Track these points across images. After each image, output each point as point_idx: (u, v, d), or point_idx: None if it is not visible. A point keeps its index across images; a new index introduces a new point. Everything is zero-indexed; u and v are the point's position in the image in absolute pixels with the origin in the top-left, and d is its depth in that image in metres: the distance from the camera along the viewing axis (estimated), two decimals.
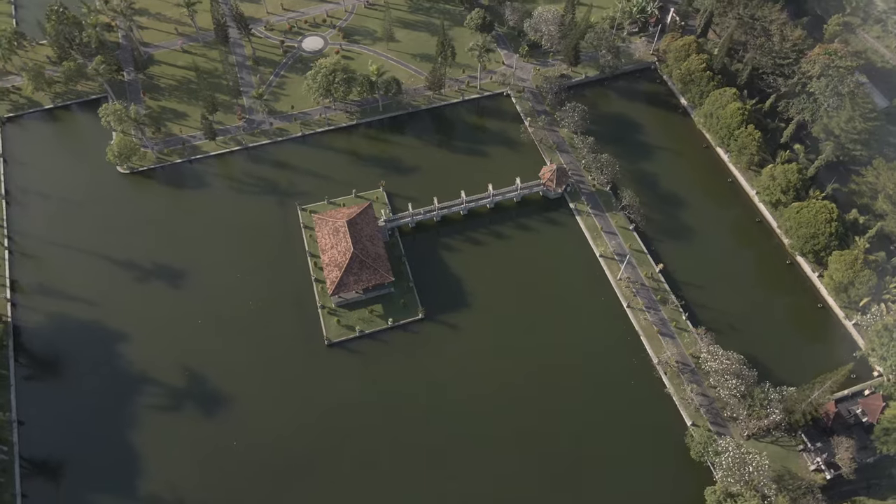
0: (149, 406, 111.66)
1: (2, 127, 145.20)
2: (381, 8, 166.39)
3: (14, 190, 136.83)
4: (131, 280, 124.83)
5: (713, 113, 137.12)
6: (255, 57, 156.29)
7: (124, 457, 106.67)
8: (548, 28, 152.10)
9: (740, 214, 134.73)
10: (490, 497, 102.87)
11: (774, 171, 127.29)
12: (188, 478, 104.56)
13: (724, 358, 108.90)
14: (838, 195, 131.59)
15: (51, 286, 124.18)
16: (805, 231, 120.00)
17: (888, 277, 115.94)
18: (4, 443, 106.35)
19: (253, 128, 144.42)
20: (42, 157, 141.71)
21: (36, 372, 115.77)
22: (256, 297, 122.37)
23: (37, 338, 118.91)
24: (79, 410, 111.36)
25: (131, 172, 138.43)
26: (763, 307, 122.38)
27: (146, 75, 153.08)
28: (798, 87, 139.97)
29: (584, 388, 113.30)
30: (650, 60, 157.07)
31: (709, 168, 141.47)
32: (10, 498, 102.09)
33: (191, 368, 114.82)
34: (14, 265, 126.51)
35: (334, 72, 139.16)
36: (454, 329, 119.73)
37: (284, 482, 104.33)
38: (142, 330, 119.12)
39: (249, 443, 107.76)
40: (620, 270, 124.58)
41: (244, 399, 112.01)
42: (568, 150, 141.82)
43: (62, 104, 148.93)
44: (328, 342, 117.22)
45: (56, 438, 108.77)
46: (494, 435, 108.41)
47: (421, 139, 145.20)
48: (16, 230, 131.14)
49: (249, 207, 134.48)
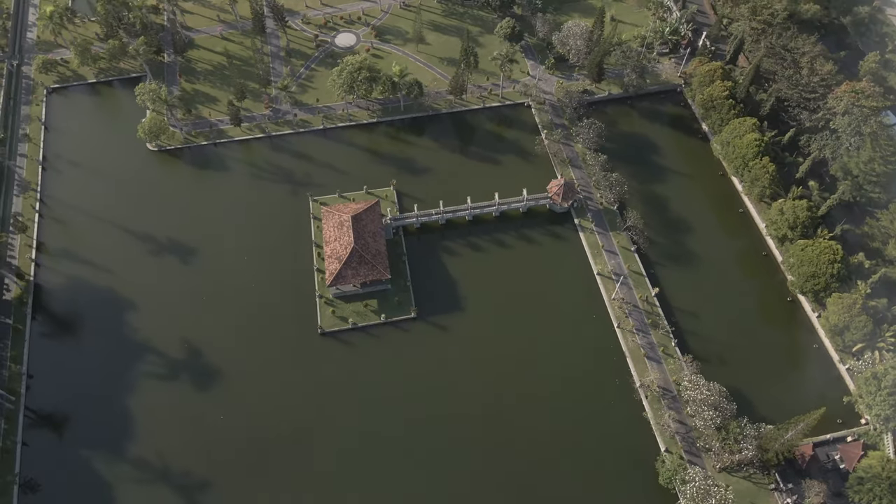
0: (148, 373, 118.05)
1: (47, 96, 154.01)
2: (415, 9, 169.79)
3: (51, 156, 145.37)
4: (146, 252, 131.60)
5: (730, 141, 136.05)
6: (289, 49, 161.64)
7: (120, 418, 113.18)
8: (575, 42, 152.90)
9: (747, 246, 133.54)
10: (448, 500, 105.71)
11: (784, 206, 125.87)
12: (174, 445, 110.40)
13: (704, 388, 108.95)
14: (850, 236, 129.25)
15: (73, 251, 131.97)
16: (806, 269, 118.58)
17: (885, 325, 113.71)
18: (13, 393, 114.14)
19: (278, 117, 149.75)
20: (79, 128, 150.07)
21: (50, 330, 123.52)
22: (260, 279, 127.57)
23: (54, 298, 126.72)
24: (84, 370, 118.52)
25: (159, 150, 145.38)
26: (757, 342, 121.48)
27: (185, 58, 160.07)
28: (822, 122, 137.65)
29: (563, 403, 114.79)
30: (677, 83, 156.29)
31: (721, 196, 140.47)
32: (11, 445, 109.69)
33: (189, 341, 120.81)
34: (42, 228, 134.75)
35: (359, 70, 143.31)
36: (444, 331, 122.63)
37: (262, 457, 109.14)
38: (150, 300, 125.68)
39: (235, 417, 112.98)
40: (615, 290, 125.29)
41: (235, 376, 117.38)
42: (580, 165, 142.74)
43: (104, 80, 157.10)
44: (321, 331, 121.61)
45: (60, 394, 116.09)
46: (467, 438, 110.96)
47: (437, 142, 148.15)
48: (48, 195, 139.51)
49: (265, 193, 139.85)
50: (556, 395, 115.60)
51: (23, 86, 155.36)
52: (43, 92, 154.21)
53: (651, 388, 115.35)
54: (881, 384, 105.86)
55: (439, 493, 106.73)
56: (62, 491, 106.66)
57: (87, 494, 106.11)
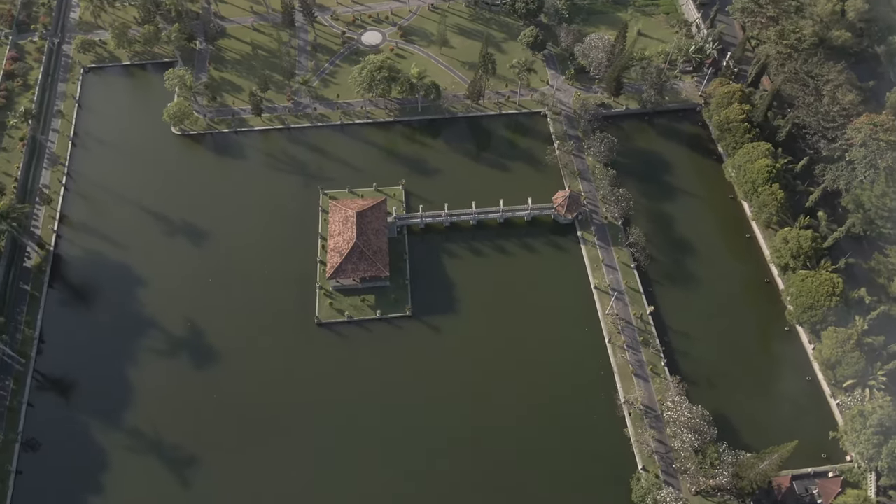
0: (151, 347, 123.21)
1: (83, 75, 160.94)
2: (442, 12, 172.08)
3: (81, 133, 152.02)
4: (161, 231, 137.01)
5: (742, 165, 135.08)
6: (316, 43, 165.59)
7: (120, 388, 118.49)
8: (597, 55, 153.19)
9: (750, 272, 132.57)
10: (417, 498, 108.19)
11: (788, 235, 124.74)
12: (168, 418, 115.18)
13: (686, 410, 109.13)
14: (857, 270, 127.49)
15: (92, 225, 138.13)
16: (804, 300, 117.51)
17: (879, 364, 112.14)
18: (24, 356, 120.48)
19: (298, 110, 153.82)
20: (110, 108, 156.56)
21: (64, 298, 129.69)
22: (265, 266, 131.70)
23: (71, 268, 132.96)
24: (92, 339, 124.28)
25: (182, 134, 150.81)
26: (749, 369, 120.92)
27: (216, 47, 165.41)
28: (839, 152, 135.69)
29: (546, 413, 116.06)
30: (697, 102, 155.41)
31: (730, 219, 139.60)
32: (17, 405, 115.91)
33: (192, 321, 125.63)
34: (66, 201, 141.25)
35: (380, 69, 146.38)
36: (436, 331, 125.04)
37: (248, 435, 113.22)
38: (160, 278, 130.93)
39: (227, 397, 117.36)
40: (609, 305, 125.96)
41: (232, 357, 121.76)
42: (590, 178, 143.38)
43: (138, 63, 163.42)
44: (318, 321, 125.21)
45: (68, 360, 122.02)
46: (446, 439, 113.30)
47: (450, 145, 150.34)
48: (74, 169, 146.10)
49: (278, 183, 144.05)
50: (540, 403, 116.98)
51: (61, 64, 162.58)
52: (80, 71, 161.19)
53: (635, 405, 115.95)
54: (867, 422, 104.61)
55: (413, 490, 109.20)
56: (59, 452, 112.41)
57: (83, 456, 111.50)
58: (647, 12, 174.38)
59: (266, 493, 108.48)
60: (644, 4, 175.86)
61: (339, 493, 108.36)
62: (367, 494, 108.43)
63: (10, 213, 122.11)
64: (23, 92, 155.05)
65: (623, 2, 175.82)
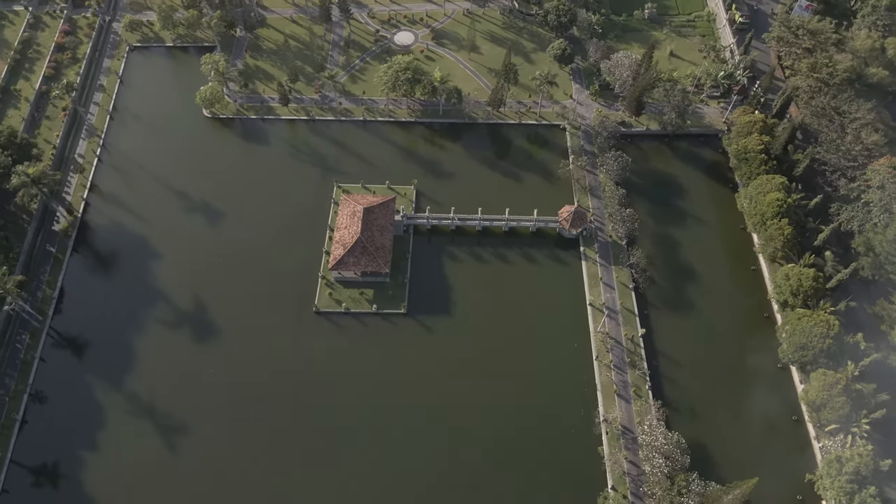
0: (158, 318, 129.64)
1: (128, 53, 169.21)
2: (477, 18, 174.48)
3: (120, 108, 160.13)
4: (181, 208, 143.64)
5: (754, 197, 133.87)
6: (349, 39, 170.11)
7: (126, 352, 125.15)
8: (622, 73, 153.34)
9: (750, 305, 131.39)
10: (383, 496, 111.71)
11: (790, 272, 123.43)
12: (164, 385, 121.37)
13: (661, 436, 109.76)
14: (861, 314, 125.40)
15: (119, 196, 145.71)
16: (798, 339, 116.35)
17: (865, 411, 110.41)
18: (41, 314, 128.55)
19: (324, 103, 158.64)
20: (149, 86, 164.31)
21: (85, 263, 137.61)
22: (273, 251, 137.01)
23: (95, 235, 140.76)
24: (106, 303, 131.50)
25: (212, 117, 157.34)
26: (735, 402, 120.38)
27: (254, 35, 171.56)
28: (856, 192, 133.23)
29: (525, 422, 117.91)
30: (720, 128, 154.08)
31: (737, 250, 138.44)
32: (31, 359, 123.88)
33: (199, 297, 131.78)
34: (98, 171, 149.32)
35: (405, 70, 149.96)
36: (428, 331, 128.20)
37: (239, 414, 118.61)
38: (175, 252, 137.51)
39: (223, 373, 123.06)
40: (601, 323, 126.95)
41: (231, 335, 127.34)
42: (600, 195, 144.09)
43: (180, 45, 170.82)
44: (316, 309, 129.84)
45: (82, 321, 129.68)
46: (422, 437, 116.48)
47: (467, 150, 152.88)
48: (109, 142, 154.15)
49: (297, 172, 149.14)
50: (520, 412, 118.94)
51: (109, 41, 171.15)
52: (125, 49, 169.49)
53: (614, 424, 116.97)
54: (843, 469, 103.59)
55: (384, 485, 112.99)
56: (64, 405, 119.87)
57: (84, 412, 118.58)
58: (683, 33, 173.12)
59: (245, 462, 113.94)
60: (681, 25, 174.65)
61: (313, 467, 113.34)
62: (337, 476, 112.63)
63: (41, 178, 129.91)
64: (71, 65, 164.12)
65: (660, 21, 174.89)
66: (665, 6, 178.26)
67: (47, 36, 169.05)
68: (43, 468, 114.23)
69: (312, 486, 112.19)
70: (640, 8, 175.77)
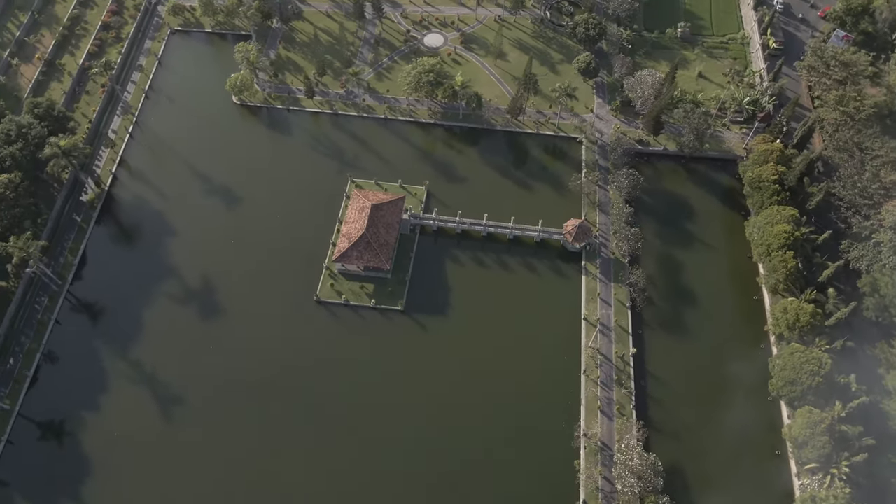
0: (168, 292, 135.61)
1: (169, 36, 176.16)
2: (508, 25, 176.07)
3: (156, 88, 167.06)
4: (200, 190, 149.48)
5: (762, 227, 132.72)
6: (380, 38, 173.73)
7: (134, 322, 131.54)
8: (644, 90, 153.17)
9: (748, 335, 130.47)
10: (357, 493, 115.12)
11: (790, 305, 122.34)
12: (166, 356, 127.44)
13: (637, 456, 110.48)
14: (859, 354, 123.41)
15: (145, 172, 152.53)
16: (788, 374, 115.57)
17: (846, 453, 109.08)
18: (61, 279, 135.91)
19: (348, 98, 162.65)
20: (185, 69, 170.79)
21: (107, 234, 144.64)
22: (283, 238, 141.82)
23: (119, 208, 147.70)
24: (122, 274, 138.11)
25: (241, 104, 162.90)
26: (719, 431, 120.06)
27: (289, 27, 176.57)
28: (867, 231, 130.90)
29: (506, 429, 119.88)
30: (739, 154, 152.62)
31: (741, 279, 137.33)
32: (47, 320, 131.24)
33: (208, 276, 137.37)
34: (128, 147, 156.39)
35: (429, 72, 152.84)
36: (422, 329, 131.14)
37: (232, 389, 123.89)
38: (190, 231, 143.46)
39: (221, 351, 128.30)
40: (592, 338, 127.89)
41: (233, 315, 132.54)
42: (608, 211, 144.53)
43: (218, 32, 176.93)
44: (317, 299, 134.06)
45: (98, 289, 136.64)
46: (403, 433, 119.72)
47: (482, 155, 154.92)
48: (141, 120, 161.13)
49: (314, 164, 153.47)
50: (502, 418, 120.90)
51: (153, 23, 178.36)
52: (167, 31, 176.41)
53: (593, 439, 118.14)
54: None
55: (357, 480, 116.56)
56: (73, 366, 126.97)
57: (91, 374, 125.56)
58: (714, 55, 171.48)
59: (234, 433, 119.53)
60: (713, 46, 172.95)
61: (289, 443, 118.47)
62: (313, 454, 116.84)
63: (72, 150, 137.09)
64: (114, 43, 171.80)
65: (692, 41, 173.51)
66: (699, 26, 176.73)
67: (95, 14, 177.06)
68: (47, 424, 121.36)
69: (286, 458, 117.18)
70: (672, 26, 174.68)
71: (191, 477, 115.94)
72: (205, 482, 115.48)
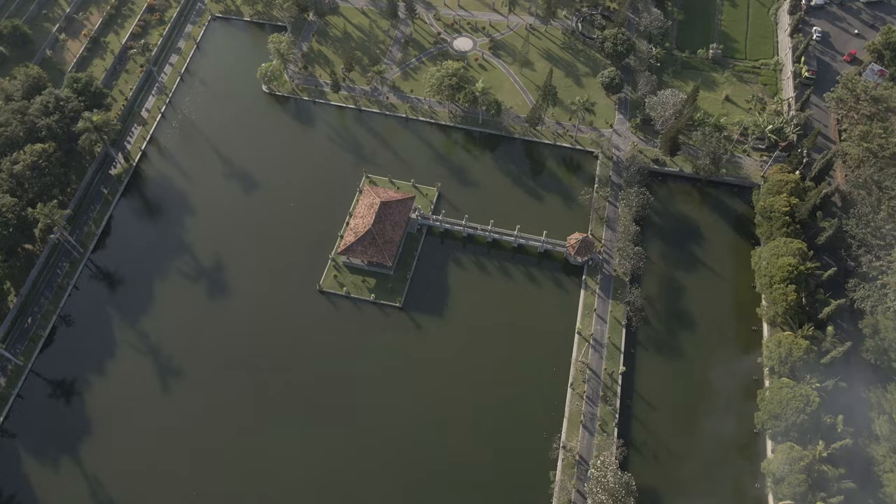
0: (179, 267, 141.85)
1: (209, 22, 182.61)
2: (539, 34, 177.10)
3: (191, 71, 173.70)
4: (221, 172, 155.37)
5: (767, 258, 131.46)
6: (411, 37, 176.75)
7: (146, 293, 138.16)
8: (665, 110, 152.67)
9: (741, 366, 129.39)
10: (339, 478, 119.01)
11: (784, 339, 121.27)
12: (171, 329, 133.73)
13: (611, 474, 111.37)
14: (852, 396, 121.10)
15: (172, 151, 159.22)
16: (773, 409, 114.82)
17: (822, 494, 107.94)
18: (83, 247, 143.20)
19: (373, 95, 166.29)
20: (221, 55, 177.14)
21: (130, 207, 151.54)
22: (294, 226, 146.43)
23: (144, 184, 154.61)
24: (141, 246, 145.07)
25: (269, 93, 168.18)
26: (701, 458, 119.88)
27: (324, 21, 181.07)
28: (875, 272, 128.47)
29: (486, 433, 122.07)
30: (756, 181, 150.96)
31: (742, 308, 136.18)
32: (66, 285, 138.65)
33: (220, 255, 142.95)
34: (159, 126, 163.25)
35: (452, 76, 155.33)
36: (417, 328, 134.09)
37: (229, 363, 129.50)
38: (209, 211, 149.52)
39: (223, 328, 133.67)
40: (582, 352, 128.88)
41: (238, 296, 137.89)
42: (615, 228, 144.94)
43: (256, 21, 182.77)
44: (319, 288, 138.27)
45: (117, 259, 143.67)
46: (378, 430, 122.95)
47: (496, 162, 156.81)
48: (174, 101, 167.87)
49: (333, 156, 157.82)
50: (484, 422, 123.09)
51: (195, 8, 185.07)
52: (208, 17, 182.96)
53: (572, 452, 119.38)
54: None
55: (332, 474, 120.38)
56: (85, 329, 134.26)
57: (101, 337, 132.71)
58: (745, 79, 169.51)
59: (226, 402, 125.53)
60: (744, 70, 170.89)
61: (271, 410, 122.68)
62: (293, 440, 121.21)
63: (104, 126, 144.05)
64: (157, 26, 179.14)
65: (723, 63, 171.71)
66: (732, 49, 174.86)
67: None
68: (56, 382, 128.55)
69: (268, 429, 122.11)
70: (704, 47, 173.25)
71: (183, 445, 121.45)
72: (197, 453, 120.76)
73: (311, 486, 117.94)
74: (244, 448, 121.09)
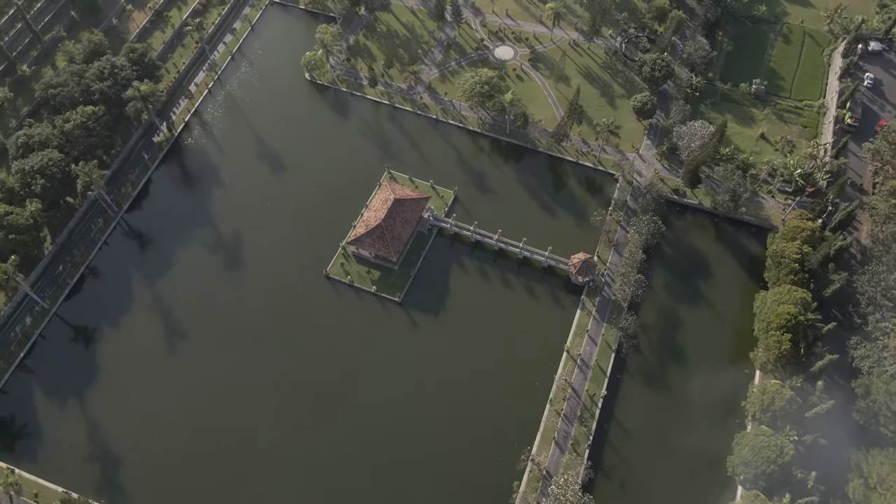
0: (200, 236, 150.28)
1: (267, 6, 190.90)
2: (581, 51, 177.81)
3: (243, 51, 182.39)
4: (254, 151, 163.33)
5: (770, 303, 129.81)
6: (453, 41, 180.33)
7: (168, 255, 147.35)
8: (692, 142, 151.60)
9: (727, 408, 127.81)
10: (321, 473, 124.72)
11: (769, 387, 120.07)
12: (183, 294, 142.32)
13: (571, 494, 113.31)
14: (832, 453, 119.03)
15: (213, 125, 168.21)
16: (746, 455, 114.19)
17: None
18: (118, 206, 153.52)
19: (408, 93, 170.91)
20: (272, 39, 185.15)
21: (167, 174, 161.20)
22: (312, 211, 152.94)
23: (183, 153, 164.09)
24: (171, 212, 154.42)
25: (310, 81, 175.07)
26: (667, 494, 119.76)
27: (374, 16, 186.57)
28: (879, 333, 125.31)
29: (457, 439, 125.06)
30: (775, 224, 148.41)
31: (737, 350, 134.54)
32: (97, 239, 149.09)
33: (238, 231, 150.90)
34: (204, 101, 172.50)
35: (484, 84, 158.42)
36: (413, 325, 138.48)
37: (231, 331, 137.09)
38: (237, 186, 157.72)
39: (231, 299, 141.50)
40: (566, 370, 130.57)
41: (248, 271, 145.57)
42: (623, 253, 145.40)
43: (311, 10, 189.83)
44: (326, 274, 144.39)
45: (147, 222, 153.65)
46: (352, 421, 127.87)
47: (517, 172, 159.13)
48: (222, 79, 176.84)
49: (360, 149, 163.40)
50: (458, 426, 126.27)
51: None
52: (266, 1, 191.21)
53: (539, 466, 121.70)
54: None
55: (307, 466, 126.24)
56: (111, 281, 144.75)
57: (122, 292, 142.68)
58: (784, 118, 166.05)
59: (225, 369, 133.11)
60: (785, 109, 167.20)
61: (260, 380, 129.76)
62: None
63: (149, 96, 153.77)
64: (217, 5, 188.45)
65: (765, 100, 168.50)
66: (777, 86, 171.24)
67: None
68: (76, 328, 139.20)
69: (261, 397, 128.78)
70: (748, 81, 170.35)
71: (182, 404, 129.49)
72: (197, 415, 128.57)
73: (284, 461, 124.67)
74: (240, 406, 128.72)
